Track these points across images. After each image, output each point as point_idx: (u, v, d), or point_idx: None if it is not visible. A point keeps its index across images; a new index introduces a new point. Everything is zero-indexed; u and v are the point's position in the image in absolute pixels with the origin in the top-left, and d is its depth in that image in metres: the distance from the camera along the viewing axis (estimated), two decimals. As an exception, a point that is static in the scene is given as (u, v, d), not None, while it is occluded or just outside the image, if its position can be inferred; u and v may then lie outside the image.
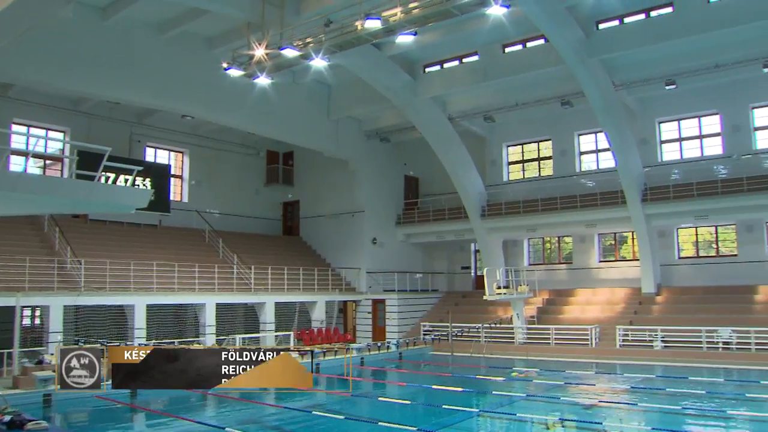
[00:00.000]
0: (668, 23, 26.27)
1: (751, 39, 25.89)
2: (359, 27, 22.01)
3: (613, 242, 35.79)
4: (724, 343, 26.45)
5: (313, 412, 18.01)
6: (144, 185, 31.05)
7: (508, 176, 38.30)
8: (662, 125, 33.26)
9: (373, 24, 21.51)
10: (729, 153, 31.19)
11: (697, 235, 33.19)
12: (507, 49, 30.52)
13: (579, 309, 33.09)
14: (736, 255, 31.55)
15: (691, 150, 32.59)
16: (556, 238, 37.53)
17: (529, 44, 29.92)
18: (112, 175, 28.11)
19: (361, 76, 30.50)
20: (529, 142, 37.84)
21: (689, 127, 32.75)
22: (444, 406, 18.37)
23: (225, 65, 25.07)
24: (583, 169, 35.70)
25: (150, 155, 35.30)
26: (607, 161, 33.94)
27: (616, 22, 27.79)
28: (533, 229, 35.04)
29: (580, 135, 35.74)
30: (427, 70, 32.73)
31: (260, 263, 33.13)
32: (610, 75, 28.96)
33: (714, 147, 32.02)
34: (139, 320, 26.75)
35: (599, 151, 35.13)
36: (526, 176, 37.77)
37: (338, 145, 35.95)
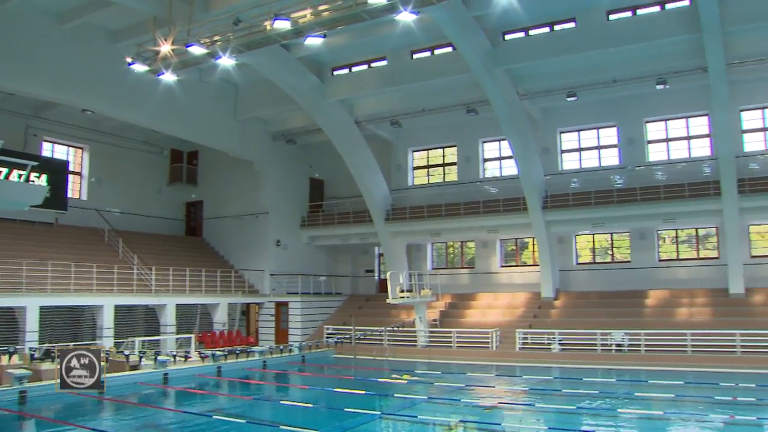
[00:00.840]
0: (570, 37, 27.32)
1: (646, 57, 27.13)
2: (268, 27, 21.84)
3: (514, 248, 36.70)
4: (617, 345, 27.50)
5: (214, 417, 17.67)
6: (40, 181, 29.81)
7: (413, 181, 38.74)
8: (563, 135, 34.37)
9: (282, 25, 21.39)
10: (625, 164, 32.54)
11: (594, 241, 34.45)
12: (415, 56, 30.93)
13: (480, 313, 33.75)
14: (629, 261, 32.92)
15: (590, 160, 33.80)
16: (459, 243, 38.19)
17: (437, 51, 30.44)
18: (5, 170, 26.79)
19: (268, 76, 30.22)
20: (435, 148, 38.41)
21: (588, 137, 33.96)
22: (346, 409, 18.31)
23: (129, 60, 24.37)
24: (486, 176, 36.45)
25: (47, 150, 33.95)
26: (510, 168, 34.78)
27: (521, 34, 28.62)
28: (437, 233, 35.52)
29: (485, 142, 36.50)
30: (335, 72, 32.80)
31: (161, 264, 32.35)
32: (515, 85, 29.72)
33: (611, 158, 33.34)
34: (32, 323, 25.61)
35: (503, 158, 35.98)
36: (430, 181, 38.32)
37: (244, 146, 35.51)
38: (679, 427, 16.57)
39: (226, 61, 23.99)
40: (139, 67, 24.42)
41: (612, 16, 26.92)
